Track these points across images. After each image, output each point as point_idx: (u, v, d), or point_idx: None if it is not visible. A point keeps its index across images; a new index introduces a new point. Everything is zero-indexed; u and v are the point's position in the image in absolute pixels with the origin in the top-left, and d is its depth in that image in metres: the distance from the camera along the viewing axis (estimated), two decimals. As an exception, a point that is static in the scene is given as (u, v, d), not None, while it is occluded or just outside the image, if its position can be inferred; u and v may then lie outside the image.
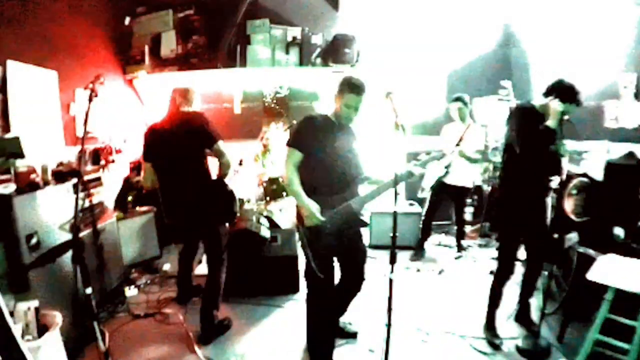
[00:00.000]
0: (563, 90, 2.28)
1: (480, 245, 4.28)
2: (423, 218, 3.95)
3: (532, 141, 2.31)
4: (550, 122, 2.27)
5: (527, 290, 2.63)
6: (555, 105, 2.26)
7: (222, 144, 2.53)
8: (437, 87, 5.02)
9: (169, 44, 4.66)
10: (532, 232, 2.48)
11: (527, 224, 2.44)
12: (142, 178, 2.79)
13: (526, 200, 2.41)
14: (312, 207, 2.10)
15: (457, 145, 3.65)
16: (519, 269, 3.33)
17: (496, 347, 2.45)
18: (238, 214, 2.80)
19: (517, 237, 2.53)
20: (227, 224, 2.82)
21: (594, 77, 3.45)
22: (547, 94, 2.33)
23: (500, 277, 2.55)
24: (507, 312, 2.77)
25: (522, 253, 2.61)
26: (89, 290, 1.89)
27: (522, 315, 2.65)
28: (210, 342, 2.53)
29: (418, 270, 3.63)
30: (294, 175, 2.14)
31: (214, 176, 2.65)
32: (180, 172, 2.55)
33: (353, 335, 2.60)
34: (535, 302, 2.71)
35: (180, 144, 2.50)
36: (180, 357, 2.38)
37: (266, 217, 3.72)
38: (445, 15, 4.80)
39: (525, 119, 2.35)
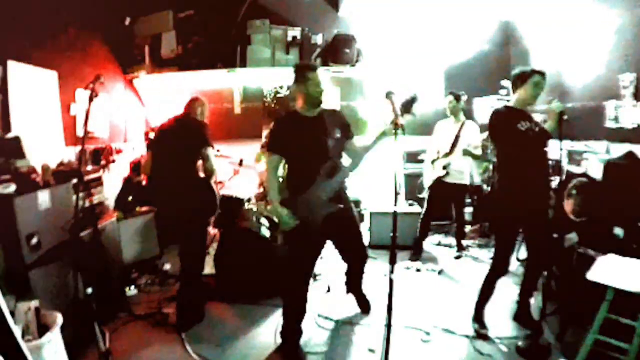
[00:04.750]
0: (516, 77, 2.41)
1: (480, 245, 4.27)
2: (421, 218, 3.94)
3: (510, 142, 2.37)
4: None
5: (527, 289, 2.63)
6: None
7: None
8: (436, 86, 5.02)
9: (169, 44, 4.66)
10: (532, 224, 2.46)
11: (524, 214, 2.41)
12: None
13: (522, 193, 2.39)
14: (282, 213, 2.19)
15: (454, 146, 3.63)
16: (519, 269, 3.36)
17: (485, 337, 2.48)
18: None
19: (513, 229, 2.50)
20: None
21: (594, 77, 3.45)
22: (514, 89, 2.45)
23: (495, 272, 2.52)
24: (507, 312, 2.77)
25: (523, 253, 2.61)
26: (89, 290, 1.90)
27: (522, 315, 2.64)
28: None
29: (418, 270, 3.62)
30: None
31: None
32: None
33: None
34: (535, 302, 2.71)
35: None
36: (180, 358, 2.38)
37: (266, 217, 3.72)
38: (445, 15, 4.80)
39: (500, 123, 2.41)
